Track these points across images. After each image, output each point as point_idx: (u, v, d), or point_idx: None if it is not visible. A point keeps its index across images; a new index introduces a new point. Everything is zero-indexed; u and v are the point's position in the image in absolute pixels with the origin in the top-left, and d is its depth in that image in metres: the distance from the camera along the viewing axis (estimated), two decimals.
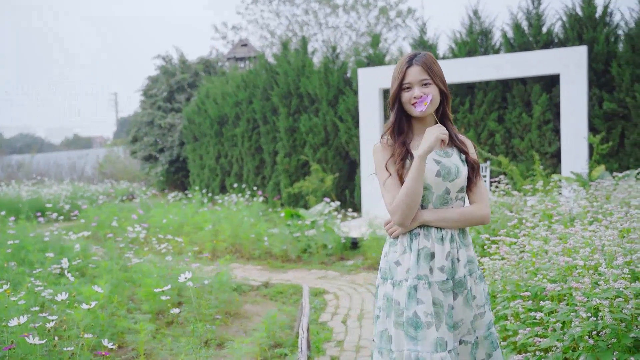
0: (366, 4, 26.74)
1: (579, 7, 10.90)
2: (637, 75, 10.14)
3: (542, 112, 10.73)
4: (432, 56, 2.57)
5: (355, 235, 9.20)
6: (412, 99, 2.51)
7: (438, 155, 2.55)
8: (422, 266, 2.46)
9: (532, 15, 11.28)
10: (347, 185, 13.11)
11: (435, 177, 2.51)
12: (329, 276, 7.76)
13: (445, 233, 2.52)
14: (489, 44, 11.71)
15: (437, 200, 2.54)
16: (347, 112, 12.72)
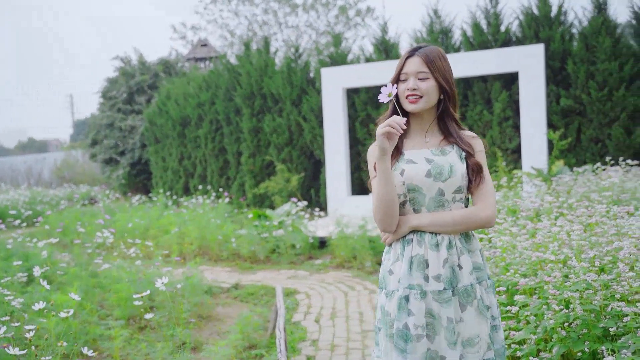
0: (325, 3, 26.84)
1: (535, 7, 11.18)
2: (591, 72, 10.46)
3: (502, 109, 10.97)
4: (439, 51, 2.38)
5: (323, 234, 9.26)
6: (405, 91, 2.34)
7: (432, 154, 2.37)
8: (415, 275, 2.29)
9: (491, 15, 11.52)
10: (313, 185, 13.17)
11: (425, 177, 2.32)
12: (298, 276, 7.80)
13: (441, 239, 2.31)
14: (449, 42, 11.91)
15: (430, 202, 2.34)
16: (311, 111, 12.77)
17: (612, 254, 3.19)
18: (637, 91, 10.28)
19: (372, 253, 8.06)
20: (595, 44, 10.43)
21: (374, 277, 7.38)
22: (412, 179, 2.32)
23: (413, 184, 2.33)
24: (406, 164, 2.36)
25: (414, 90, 2.32)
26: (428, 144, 2.41)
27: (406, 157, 2.38)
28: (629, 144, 10.21)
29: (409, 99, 2.34)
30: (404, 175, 2.34)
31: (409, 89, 2.33)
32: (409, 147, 2.42)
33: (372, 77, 11.51)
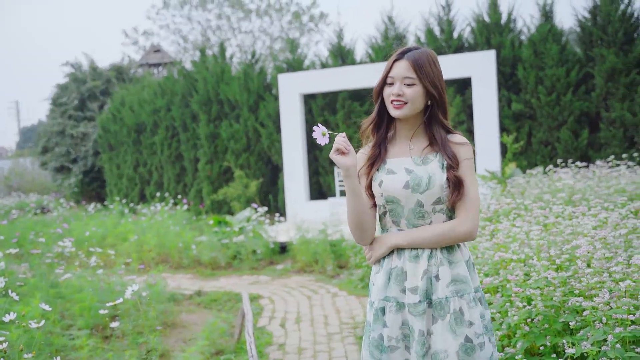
0: (279, 9, 26.92)
1: (485, 14, 11.52)
2: (540, 77, 10.83)
3: (456, 114, 11.25)
4: (430, 55, 2.26)
5: (284, 239, 9.31)
6: (390, 96, 2.25)
7: (413, 163, 2.28)
8: (392, 287, 2.25)
9: (444, 21, 11.81)
10: (271, 190, 13.21)
11: (403, 189, 2.25)
12: (261, 281, 7.84)
13: (421, 250, 2.24)
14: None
15: (409, 214, 2.27)
16: (269, 117, 12.82)
17: (569, 252, 3.36)
18: (582, 96, 10.70)
19: (333, 257, 8.15)
20: (544, 50, 10.82)
21: (335, 281, 7.48)
22: (390, 190, 2.26)
23: (391, 196, 2.26)
24: (385, 175, 2.29)
25: (399, 96, 2.22)
26: (412, 151, 2.32)
27: (387, 166, 2.31)
28: (576, 146, 10.61)
29: (393, 104, 2.25)
30: (382, 187, 2.28)
31: (394, 94, 2.23)
32: (392, 154, 2.34)
33: (329, 83, 11.65)
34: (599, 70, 10.47)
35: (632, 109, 10.31)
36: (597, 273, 2.99)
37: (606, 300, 2.73)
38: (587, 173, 7.43)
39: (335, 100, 12.36)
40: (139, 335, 5.12)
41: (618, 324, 2.67)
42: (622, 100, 10.39)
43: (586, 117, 10.78)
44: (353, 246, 7.61)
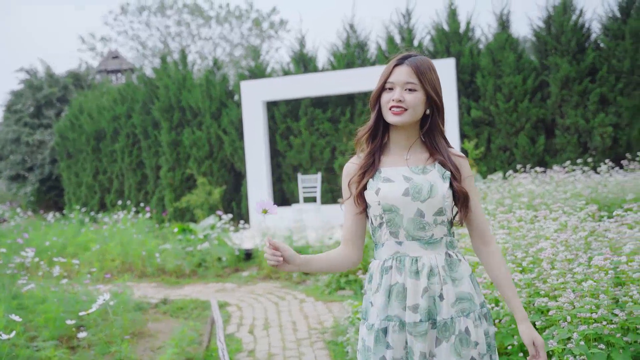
0: (239, 16, 26.90)
1: (445, 23, 11.77)
2: (498, 85, 11.12)
3: None
4: (430, 62, 2.17)
5: (249, 246, 9.32)
6: (390, 102, 2.12)
7: (411, 172, 2.16)
8: (394, 305, 2.11)
9: (404, 29, 12.01)
10: (234, 197, 13.18)
11: (402, 196, 2.11)
12: (227, 288, 7.83)
13: (422, 265, 2.10)
14: (365, 56, 12.30)
15: (409, 224, 2.12)
16: (231, 124, 12.81)
17: (534, 255, 3.49)
18: (539, 103, 11.01)
19: None
20: (501, 58, 11.11)
21: (302, 287, 7.53)
22: (388, 198, 2.12)
23: (389, 204, 2.12)
24: (382, 183, 2.15)
25: (400, 102, 2.10)
26: (408, 162, 2.19)
27: (382, 174, 2.18)
28: (533, 152, 10.91)
29: (392, 111, 2.12)
30: (379, 195, 2.14)
31: (394, 100, 2.11)
32: (387, 163, 2.21)
33: (292, 90, 11.72)
34: (553, 78, 10.80)
35: (585, 116, 10.67)
36: (561, 274, 3.12)
37: (570, 300, 2.85)
38: (544, 178, 7.67)
39: (298, 107, 12.43)
40: (106, 345, 5.08)
41: (581, 323, 2.79)
42: (575, 108, 10.74)
43: (542, 123, 11.10)
44: (320, 251, 7.66)
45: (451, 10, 11.74)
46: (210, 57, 25.99)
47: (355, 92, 11.83)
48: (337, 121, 12.20)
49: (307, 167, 12.30)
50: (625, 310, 2.82)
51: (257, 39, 27.03)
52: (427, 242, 2.12)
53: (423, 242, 2.12)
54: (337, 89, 11.48)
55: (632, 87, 10.48)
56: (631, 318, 2.77)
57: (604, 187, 6.65)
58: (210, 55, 26.30)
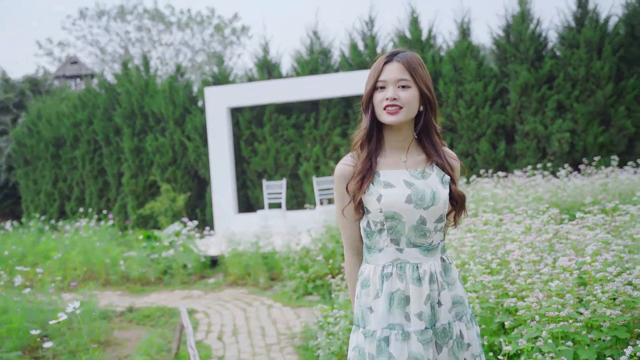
0: (200, 22, 26.77)
1: (407, 30, 11.94)
2: (460, 92, 11.33)
3: None
4: (419, 57, 2.10)
5: (215, 253, 9.28)
6: (384, 101, 2.05)
7: (411, 176, 2.09)
8: (396, 313, 2.05)
9: (367, 37, 12.14)
10: (198, 204, 13.09)
11: (405, 203, 2.04)
12: (193, 295, 7.78)
13: (424, 272, 2.06)
14: (329, 63, 12.39)
15: (411, 232, 2.06)
16: (195, 130, 12.73)
17: (501, 257, 3.58)
18: (499, 109, 11.26)
19: (265, 269, 8.20)
20: (462, 65, 11.33)
21: (269, 293, 7.53)
22: (391, 205, 2.04)
23: (392, 212, 2.04)
24: (383, 188, 2.07)
25: (394, 100, 2.03)
26: (407, 164, 2.12)
27: (382, 178, 2.09)
28: (494, 157, 11.15)
29: (387, 110, 2.04)
30: (381, 202, 2.05)
31: (388, 99, 2.03)
32: (384, 165, 2.12)
33: (256, 96, 11.72)
34: (513, 85, 11.07)
35: (544, 122, 10.95)
36: (529, 275, 3.22)
37: (538, 300, 2.94)
38: (507, 183, 7.85)
39: (263, 113, 12.44)
40: (72, 355, 5.00)
41: (549, 322, 2.89)
42: (534, 114, 11.01)
43: (503, 129, 11.35)
44: (286, 257, 7.69)
45: (413, 18, 11.92)
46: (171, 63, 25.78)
47: (319, 99, 11.90)
48: (301, 127, 12.25)
49: (272, 173, 12.31)
50: (589, 308, 2.93)
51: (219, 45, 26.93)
52: (426, 248, 2.08)
53: (423, 249, 2.07)
54: (301, 95, 11.53)
55: (587, 95, 10.81)
56: (595, 316, 2.87)
57: (563, 191, 6.85)
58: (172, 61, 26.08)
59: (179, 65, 13.86)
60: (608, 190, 6.62)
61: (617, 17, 11.20)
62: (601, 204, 5.78)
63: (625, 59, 10.93)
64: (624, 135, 10.77)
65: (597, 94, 10.68)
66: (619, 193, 6.48)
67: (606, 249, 3.43)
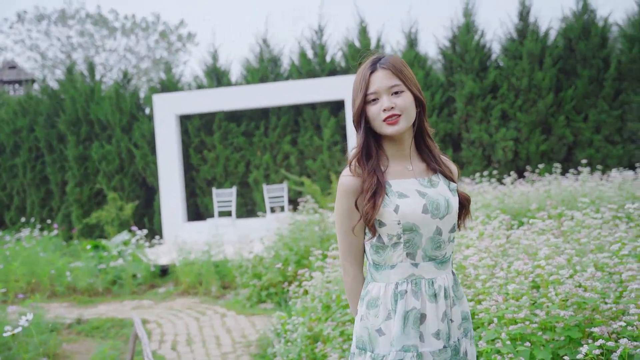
0: (145, 28, 26.37)
1: (356, 39, 12.10)
2: None
3: (331, 135, 11.67)
4: (401, 59, 2.02)
5: (165, 262, 9.14)
6: (380, 113, 1.93)
7: (422, 185, 1.98)
8: (410, 334, 1.91)
9: (317, 45, 12.24)
10: (146, 213, 12.87)
11: (422, 214, 1.92)
12: (144, 305, 7.65)
13: (439, 287, 1.95)
14: (279, 71, 12.43)
15: (428, 244, 1.95)
16: (143, 138, 12.53)
17: (457, 262, 3.68)
18: (446, 118, 11.53)
19: (217, 277, 8.14)
20: None
21: (222, 302, 7.48)
22: (409, 217, 1.92)
23: (410, 223, 1.92)
24: (398, 199, 1.94)
25: (392, 109, 1.93)
26: (413, 172, 2.02)
27: (394, 188, 1.97)
28: None
29: (387, 122, 1.93)
30: (399, 213, 1.92)
31: (386, 109, 1.92)
32: (391, 175, 2.00)
33: (205, 104, 11.65)
34: (459, 94, 11.35)
35: (489, 131, 11.27)
36: (486, 280, 3.32)
37: (496, 303, 3.04)
38: None
39: (212, 121, 12.36)
40: None
41: (507, 324, 2.99)
42: (479, 123, 11.32)
43: (450, 137, 11.62)
44: (239, 266, 7.65)
45: (362, 27, 12.09)
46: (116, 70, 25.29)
47: (269, 106, 11.91)
48: (251, 135, 12.23)
49: (222, 181, 12.23)
50: (543, 310, 3.04)
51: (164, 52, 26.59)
52: (440, 261, 1.98)
53: (438, 262, 1.97)
54: (251, 103, 11.52)
55: (530, 104, 11.19)
56: (549, 317, 2.99)
57: (510, 198, 7.06)
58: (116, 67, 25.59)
59: (126, 71, 13.62)
60: (552, 196, 6.86)
61: (555, 30, 11.65)
62: (546, 210, 5.99)
63: (564, 71, 11.37)
64: (564, 143, 11.19)
65: (539, 104, 11.07)
66: (562, 199, 6.73)
67: (556, 252, 3.57)
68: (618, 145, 10.98)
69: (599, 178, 7.93)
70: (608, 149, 10.95)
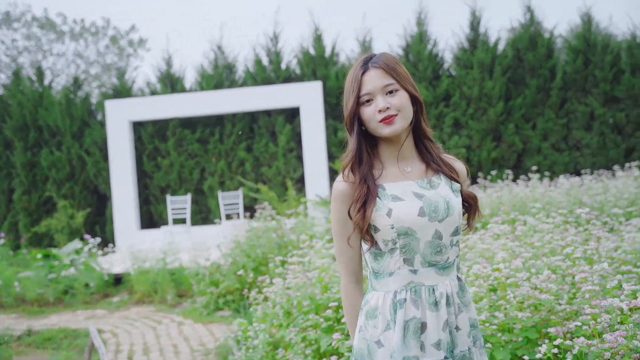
0: (95, 32, 25.89)
1: (311, 47, 12.18)
2: None
3: (286, 142, 11.69)
4: (394, 56, 1.94)
5: (119, 270, 8.98)
6: (376, 115, 1.86)
7: (420, 187, 1.89)
8: (411, 344, 1.84)
9: (272, 52, 12.26)
10: (98, 221, 12.61)
11: (419, 217, 1.84)
12: (98, 315, 7.50)
13: (440, 295, 1.86)
14: (234, 78, 12.39)
15: (426, 249, 1.86)
16: (95, 145, 12.29)
17: None
18: None
19: (173, 285, 8.04)
20: None
21: (178, 310, 7.40)
22: (404, 220, 1.84)
23: (405, 227, 1.84)
24: (392, 202, 1.87)
25: (388, 110, 1.86)
26: (411, 174, 1.93)
27: (388, 192, 1.89)
28: None
29: (383, 122, 1.86)
30: (392, 217, 1.85)
31: (381, 110, 1.85)
32: (386, 178, 1.93)
33: (159, 110, 11.53)
34: None
35: (442, 138, 11.50)
36: None
37: None
38: None
39: (166, 127, 12.22)
40: None
41: None
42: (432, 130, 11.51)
43: None
44: (197, 273, 7.58)
45: (317, 35, 12.18)
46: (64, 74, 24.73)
47: (224, 113, 11.86)
48: (206, 142, 12.14)
49: (176, 188, 12.09)
50: (502, 312, 3.14)
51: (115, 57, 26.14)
52: (442, 267, 1.88)
53: (439, 268, 1.87)
54: (206, 109, 11.46)
55: (481, 113, 11.47)
56: (507, 319, 3.08)
57: None
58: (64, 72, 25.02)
59: (77, 77, 13.34)
60: (504, 202, 7.05)
61: (505, 40, 11.99)
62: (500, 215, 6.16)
63: (513, 80, 11.70)
64: (513, 150, 11.50)
65: (490, 112, 11.37)
66: (514, 205, 6.92)
67: (512, 256, 3.68)
68: (564, 152, 11.36)
69: (548, 184, 8.19)
70: (555, 156, 11.31)
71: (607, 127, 11.21)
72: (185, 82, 12.54)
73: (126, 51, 26.33)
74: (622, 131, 11.28)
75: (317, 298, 4.05)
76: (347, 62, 12.20)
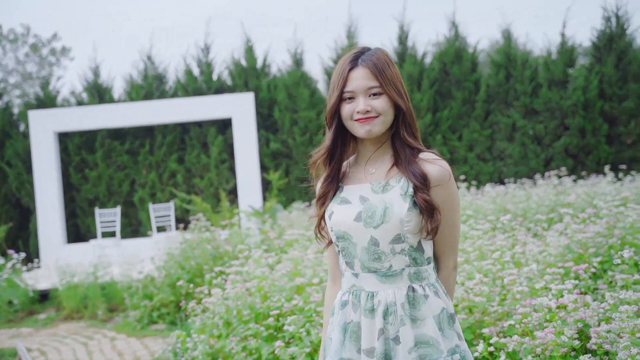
0: (14, 40, 24.96)
1: (243, 58, 12.20)
2: (294, 119, 11.78)
3: (218, 153, 11.64)
4: (386, 55, 1.87)
5: (45, 286, 8.67)
6: (354, 114, 1.83)
7: (371, 191, 1.86)
8: (347, 346, 1.85)
9: (203, 63, 12.20)
10: (21, 235, 12.12)
11: (354, 222, 1.84)
12: (23, 334, 7.22)
13: (378, 303, 1.82)
14: (164, 88, 12.24)
15: (363, 254, 1.84)
16: (17, 156, 11.84)
17: None
18: None
19: (104, 300, 7.85)
20: (296, 94, 11.80)
21: (110, 325, 7.22)
22: (340, 224, 1.86)
23: (341, 231, 1.86)
24: (338, 205, 1.90)
25: (367, 113, 1.82)
26: (373, 176, 1.90)
27: (341, 194, 1.91)
28: None
29: (359, 122, 1.83)
30: (332, 220, 1.89)
31: (360, 112, 1.81)
32: (350, 180, 1.93)
33: (86, 121, 11.25)
34: None
35: None
36: None
37: None
38: None
39: (94, 138, 11.93)
40: None
41: None
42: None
43: None
44: (129, 287, 7.43)
45: (248, 46, 12.21)
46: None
47: (154, 124, 11.70)
48: (136, 153, 11.93)
49: (105, 200, 11.80)
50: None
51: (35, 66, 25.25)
52: (384, 274, 1.83)
53: (380, 275, 1.83)
54: (135, 120, 11.26)
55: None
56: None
57: None
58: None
59: None
60: None
61: (432, 54, 12.39)
62: None
63: (440, 93, 12.10)
64: None
65: (418, 124, 11.67)
66: None
67: None
68: (489, 162, 11.82)
69: (475, 193, 8.52)
70: (480, 166, 11.76)
71: (528, 138, 11.76)
72: (113, 92, 12.30)
73: (48, 60, 25.51)
74: (541, 142, 11.85)
75: (257, 307, 4.08)
76: (279, 74, 12.29)
